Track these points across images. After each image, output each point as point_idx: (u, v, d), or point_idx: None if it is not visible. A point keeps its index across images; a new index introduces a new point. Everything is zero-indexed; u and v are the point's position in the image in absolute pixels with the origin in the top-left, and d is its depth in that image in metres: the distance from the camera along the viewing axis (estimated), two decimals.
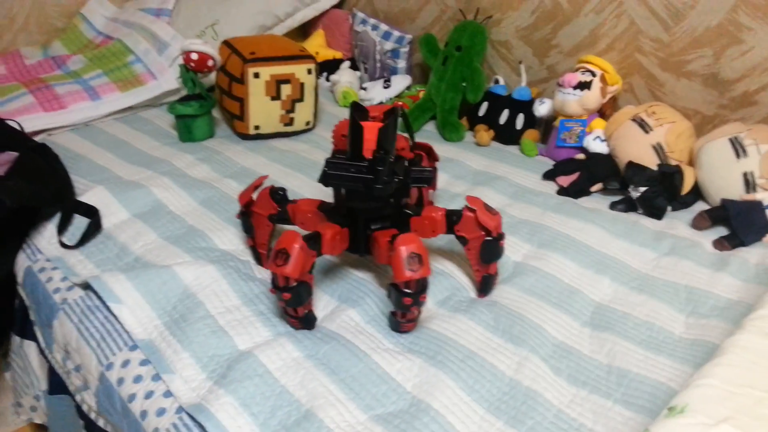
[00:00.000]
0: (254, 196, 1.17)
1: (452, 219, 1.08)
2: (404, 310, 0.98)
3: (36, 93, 1.77)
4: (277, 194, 1.13)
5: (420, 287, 0.95)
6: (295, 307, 1.00)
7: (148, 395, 0.96)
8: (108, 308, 1.10)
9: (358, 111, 1.01)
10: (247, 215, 1.17)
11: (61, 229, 1.30)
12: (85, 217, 1.32)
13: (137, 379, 0.99)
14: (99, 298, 1.13)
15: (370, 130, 0.98)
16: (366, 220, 1.08)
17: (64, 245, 1.26)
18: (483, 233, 1.06)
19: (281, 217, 1.15)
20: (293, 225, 1.15)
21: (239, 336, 1.02)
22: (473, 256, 1.09)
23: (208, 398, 0.91)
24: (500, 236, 1.06)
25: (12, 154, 1.38)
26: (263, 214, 1.15)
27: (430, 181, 1.13)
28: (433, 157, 1.28)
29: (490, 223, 1.04)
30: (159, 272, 1.12)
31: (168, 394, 0.95)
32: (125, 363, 1.01)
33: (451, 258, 1.21)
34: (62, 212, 1.32)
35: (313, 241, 1.01)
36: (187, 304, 1.08)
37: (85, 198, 1.35)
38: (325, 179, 1.00)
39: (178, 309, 1.07)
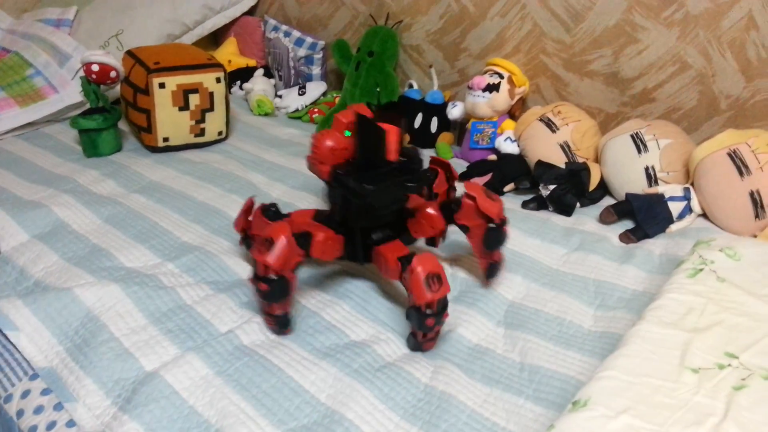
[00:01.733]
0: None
1: (451, 209, 1.06)
2: (427, 331, 0.95)
3: None
4: (269, 211, 1.12)
5: (441, 306, 0.93)
6: (270, 302, 0.97)
7: (50, 426, 0.91)
8: (5, 336, 1.04)
9: (366, 118, 0.98)
10: (248, 239, 1.16)
11: None
12: None
13: (38, 410, 0.93)
14: None
15: (394, 133, 0.98)
16: (364, 229, 1.06)
17: None
18: (484, 221, 1.04)
19: (304, 238, 1.06)
20: None
21: (145, 357, 0.98)
22: (476, 243, 1.07)
23: (112, 425, 0.87)
24: (503, 222, 1.05)
25: None
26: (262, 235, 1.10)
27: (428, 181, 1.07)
28: (452, 175, 1.17)
29: (491, 210, 1.02)
30: (59, 296, 1.07)
31: (71, 423, 0.90)
32: (25, 393, 0.96)
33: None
34: None
35: (303, 240, 0.99)
36: (89, 328, 1.03)
37: None
38: (375, 198, 0.95)
39: (81, 333, 1.02)
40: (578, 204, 1.41)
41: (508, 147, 1.55)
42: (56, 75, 1.83)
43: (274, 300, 0.97)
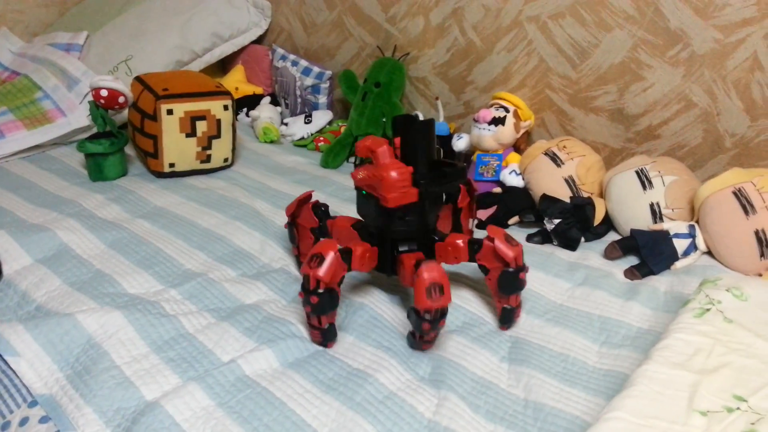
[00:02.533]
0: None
1: (474, 248, 1.09)
2: (423, 334, 1.01)
3: None
4: (320, 209, 1.20)
5: (439, 315, 0.98)
6: (319, 315, 1.01)
7: None
8: (5, 361, 1.03)
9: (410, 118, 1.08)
10: (292, 225, 1.26)
11: None
12: None
13: None
14: None
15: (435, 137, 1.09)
16: (394, 241, 1.10)
17: None
18: (502, 264, 1.06)
19: (322, 230, 1.21)
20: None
21: (146, 386, 0.97)
22: (493, 286, 1.10)
23: None
24: (520, 268, 1.06)
25: None
26: (306, 226, 1.22)
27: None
28: (472, 189, 1.26)
29: (508, 254, 1.05)
30: (60, 321, 1.06)
31: None
32: (23, 421, 0.94)
33: (372, 287, 1.19)
34: None
35: (346, 255, 1.05)
36: (91, 355, 1.02)
37: None
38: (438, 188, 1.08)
39: (82, 360, 1.01)
40: (583, 239, 1.41)
41: (513, 180, 1.56)
42: (64, 99, 1.84)
43: (324, 312, 1.01)
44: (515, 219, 1.48)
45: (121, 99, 1.57)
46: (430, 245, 1.13)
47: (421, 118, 1.88)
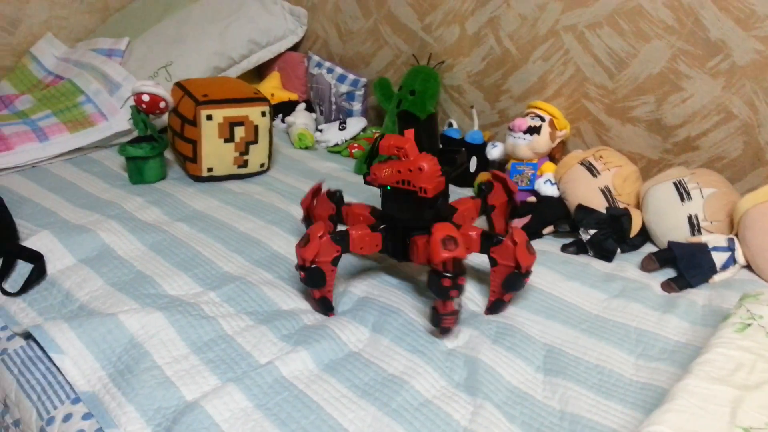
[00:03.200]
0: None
1: (491, 241, 1.14)
2: (444, 296, 1.03)
3: None
4: (334, 196, 1.26)
5: (457, 268, 1.01)
6: (310, 288, 1.14)
7: None
8: (50, 359, 1.06)
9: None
10: (309, 219, 1.33)
11: (3, 275, 1.25)
12: (28, 262, 1.27)
13: None
14: (41, 348, 1.09)
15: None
16: (405, 228, 1.17)
17: (5, 292, 1.22)
18: (513, 265, 1.11)
19: (339, 216, 1.28)
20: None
21: (186, 386, 0.99)
22: (496, 279, 1.15)
23: None
24: (527, 273, 1.12)
25: None
26: (324, 215, 1.28)
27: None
28: (509, 188, 1.33)
29: (524, 260, 1.10)
30: (104, 321, 1.09)
31: None
32: (67, 417, 0.97)
33: (407, 292, 1.20)
34: (4, 258, 1.27)
35: (340, 237, 1.13)
36: (132, 355, 1.04)
37: (29, 243, 1.31)
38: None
39: (124, 359, 1.04)
40: (619, 250, 1.40)
41: (548, 189, 1.55)
42: (106, 103, 1.88)
43: (311, 285, 1.13)
44: (550, 228, 1.48)
45: (162, 104, 1.61)
46: None
47: (455, 126, 1.88)
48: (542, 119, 1.60)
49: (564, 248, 1.42)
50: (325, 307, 1.17)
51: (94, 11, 2.28)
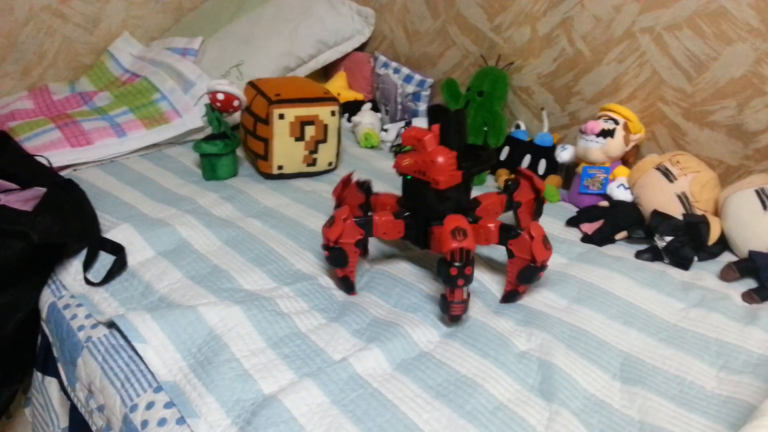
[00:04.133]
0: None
1: (509, 233, 1.17)
2: (452, 284, 1.07)
3: (63, 128, 1.80)
4: (363, 186, 1.31)
5: (465, 259, 1.06)
6: (332, 266, 1.23)
7: None
8: (133, 348, 1.10)
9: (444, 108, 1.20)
10: (340, 206, 1.37)
11: (87, 265, 1.30)
12: (110, 254, 1.32)
13: (161, 422, 0.97)
14: (123, 337, 1.13)
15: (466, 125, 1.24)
16: (426, 218, 1.21)
17: (89, 282, 1.27)
18: (529, 258, 1.14)
19: (368, 205, 1.33)
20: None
21: (264, 380, 1.01)
22: (513, 270, 1.18)
23: None
24: (542, 267, 1.15)
25: (40, 190, 1.39)
26: (354, 204, 1.33)
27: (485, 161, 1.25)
28: (537, 187, 1.36)
29: (539, 255, 1.13)
30: (184, 312, 1.12)
31: None
32: (150, 405, 1.00)
33: (477, 296, 1.20)
34: (88, 249, 1.32)
35: (364, 222, 1.19)
36: (212, 346, 1.07)
37: (111, 235, 1.36)
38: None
39: (203, 351, 1.07)
40: (696, 258, 1.36)
41: (621, 194, 1.52)
42: (180, 100, 1.94)
43: (334, 264, 1.20)
44: (623, 234, 1.45)
45: (235, 102, 1.64)
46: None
47: (522, 128, 1.87)
48: (616, 122, 1.57)
49: (638, 254, 1.39)
50: (347, 286, 1.24)
51: (169, 11, 2.35)
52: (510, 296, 1.23)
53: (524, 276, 1.17)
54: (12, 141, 1.59)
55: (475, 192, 1.70)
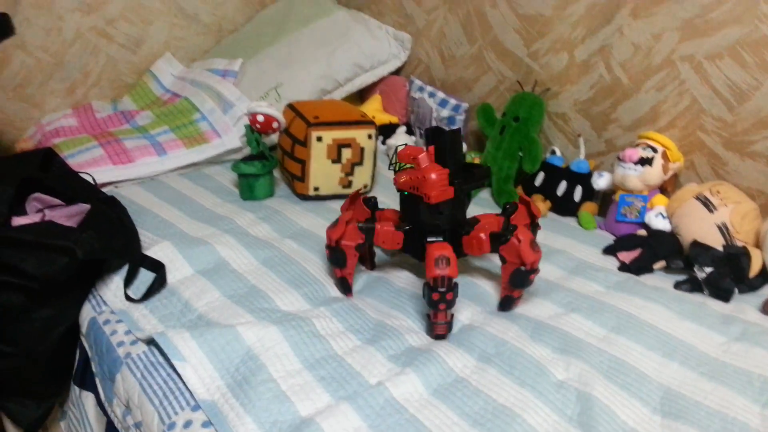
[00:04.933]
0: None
1: (499, 240, 1.22)
2: (434, 307, 1.14)
3: (106, 146, 1.84)
4: (370, 202, 1.36)
5: (446, 285, 1.12)
6: (332, 265, 1.28)
7: None
8: (171, 365, 1.11)
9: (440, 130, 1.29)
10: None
11: (127, 282, 1.32)
12: (150, 271, 1.34)
13: None
14: (162, 354, 1.14)
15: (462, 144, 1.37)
16: (423, 231, 1.28)
17: (129, 298, 1.29)
18: (519, 262, 1.18)
19: (373, 221, 1.36)
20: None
21: (301, 402, 1.01)
22: (505, 275, 1.23)
23: None
24: (532, 270, 1.18)
25: (84, 206, 1.42)
26: (360, 219, 1.37)
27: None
28: (533, 212, 1.38)
29: (528, 257, 1.17)
30: (223, 331, 1.13)
31: None
32: (187, 423, 1.01)
33: (513, 321, 1.19)
34: (129, 265, 1.35)
35: (366, 228, 1.26)
36: (249, 366, 1.08)
37: (152, 252, 1.39)
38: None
39: (241, 371, 1.08)
40: (736, 290, 1.34)
41: (660, 223, 1.51)
42: (220, 121, 1.97)
43: (334, 264, 1.27)
44: (661, 264, 1.43)
45: (275, 124, 1.67)
46: (458, 238, 1.29)
47: (558, 154, 1.86)
48: (654, 150, 1.56)
49: (677, 285, 1.37)
50: (344, 287, 1.31)
51: (210, 33, 2.40)
52: (505, 302, 1.27)
53: (515, 280, 1.20)
54: (57, 157, 1.63)
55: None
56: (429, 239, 1.27)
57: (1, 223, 1.37)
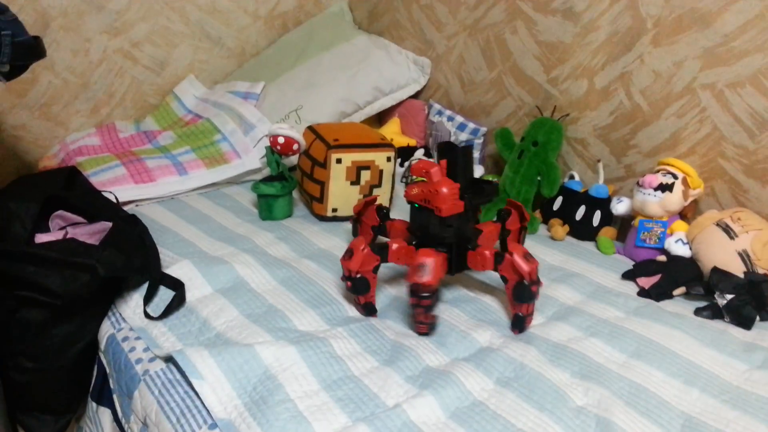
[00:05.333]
0: None
1: (498, 259, 1.25)
2: (411, 309, 1.20)
3: (128, 165, 1.87)
4: (382, 211, 1.40)
5: (424, 292, 1.17)
6: (356, 295, 1.28)
7: None
8: (189, 383, 1.12)
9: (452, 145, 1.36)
10: (357, 221, 1.54)
11: (147, 299, 1.33)
12: (170, 289, 1.36)
13: None
14: (180, 372, 1.15)
15: (473, 160, 1.40)
16: (431, 244, 1.30)
17: (148, 316, 1.30)
18: (517, 276, 1.20)
19: (381, 228, 1.43)
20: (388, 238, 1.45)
21: (318, 422, 1.01)
22: (509, 295, 1.24)
23: None
24: (533, 282, 1.20)
25: (106, 224, 1.44)
26: (368, 223, 1.43)
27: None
28: (524, 217, 1.44)
29: (523, 268, 1.19)
30: (241, 351, 1.13)
31: None
32: None
33: (531, 343, 1.18)
34: (149, 283, 1.36)
35: (380, 249, 1.28)
36: (267, 386, 1.08)
37: (171, 270, 1.40)
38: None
39: (258, 390, 1.08)
40: (758, 318, 1.32)
41: (680, 249, 1.50)
42: (240, 142, 2.00)
43: (358, 293, 1.28)
44: (681, 290, 1.42)
45: (295, 146, 1.69)
46: (463, 252, 1.32)
47: (576, 179, 1.86)
48: (675, 177, 1.55)
49: (698, 311, 1.36)
50: (369, 310, 1.31)
51: (233, 56, 2.44)
52: (517, 322, 1.26)
53: (517, 295, 1.21)
54: (80, 176, 1.66)
55: (528, 242, 1.70)
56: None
57: (25, 240, 1.39)
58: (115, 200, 1.59)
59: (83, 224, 1.49)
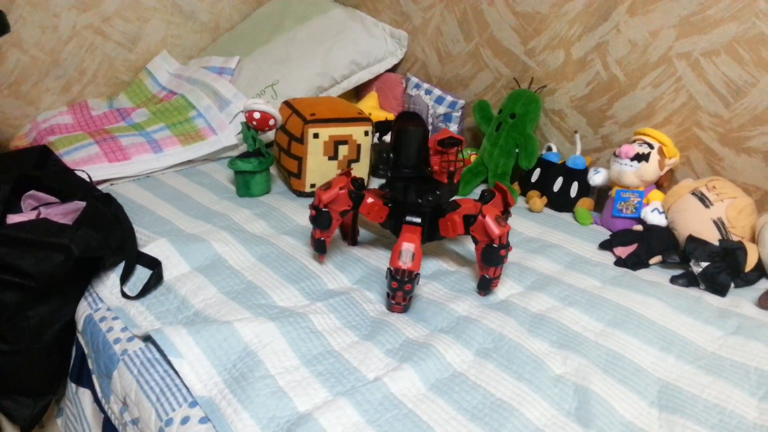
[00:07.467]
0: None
1: (469, 221, 1.27)
2: (392, 292, 1.20)
3: (101, 143, 1.84)
4: (357, 181, 1.38)
5: (407, 277, 1.18)
6: (313, 226, 1.31)
7: None
8: (168, 362, 1.11)
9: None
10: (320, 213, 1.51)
11: (124, 279, 1.32)
12: (147, 268, 1.34)
13: None
14: (159, 350, 1.14)
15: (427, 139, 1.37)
16: (404, 211, 1.32)
17: (125, 295, 1.28)
18: (488, 239, 1.22)
19: (358, 195, 1.38)
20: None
21: (299, 397, 1.01)
22: (478, 254, 1.26)
23: None
24: (501, 246, 1.21)
25: (80, 204, 1.42)
26: (337, 210, 1.38)
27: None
28: (508, 202, 1.43)
29: (494, 231, 1.21)
30: (220, 328, 1.13)
31: None
32: (185, 420, 1.01)
33: (509, 314, 1.19)
34: (125, 262, 1.35)
35: (355, 196, 1.32)
36: (247, 362, 1.08)
37: (148, 249, 1.38)
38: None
39: (238, 367, 1.07)
40: (732, 284, 1.35)
41: (656, 218, 1.51)
42: (216, 118, 1.97)
43: (317, 226, 1.31)
44: (657, 259, 1.43)
45: (271, 121, 1.67)
46: (434, 220, 1.34)
47: (554, 150, 1.86)
48: (651, 146, 1.56)
49: (673, 280, 1.37)
50: (320, 247, 1.35)
51: (206, 31, 2.40)
52: (483, 283, 1.28)
53: (486, 257, 1.23)
54: (53, 155, 1.63)
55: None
56: (407, 218, 1.31)
57: None
58: (88, 179, 1.56)
59: (56, 204, 1.46)
